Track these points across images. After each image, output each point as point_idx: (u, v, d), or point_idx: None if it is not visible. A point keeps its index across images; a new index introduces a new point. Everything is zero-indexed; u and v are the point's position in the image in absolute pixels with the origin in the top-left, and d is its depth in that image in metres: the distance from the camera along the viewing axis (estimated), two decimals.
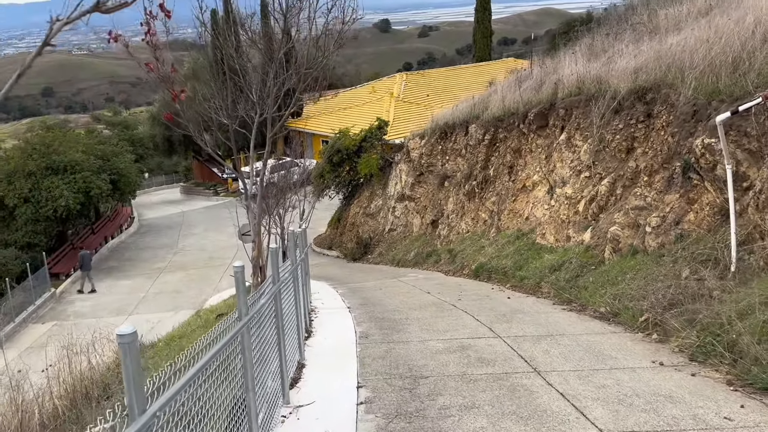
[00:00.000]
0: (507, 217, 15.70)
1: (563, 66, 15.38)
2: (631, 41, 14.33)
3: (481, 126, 18.10)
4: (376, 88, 49.73)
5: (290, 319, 6.58)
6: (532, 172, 15.14)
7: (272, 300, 5.14)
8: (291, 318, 6.67)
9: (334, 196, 28.93)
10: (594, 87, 13.06)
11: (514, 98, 16.64)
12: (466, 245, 16.90)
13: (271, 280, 5.12)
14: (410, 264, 20.16)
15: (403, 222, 23.78)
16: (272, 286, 5.02)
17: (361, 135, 26.76)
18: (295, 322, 6.80)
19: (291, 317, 6.65)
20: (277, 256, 5.11)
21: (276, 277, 5.12)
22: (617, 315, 8.51)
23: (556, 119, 14.40)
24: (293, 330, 6.68)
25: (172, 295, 25.89)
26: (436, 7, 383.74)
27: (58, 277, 28.29)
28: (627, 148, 11.52)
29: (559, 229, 12.68)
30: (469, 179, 18.49)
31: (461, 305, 10.47)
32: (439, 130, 21.63)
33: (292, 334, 6.52)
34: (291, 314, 6.64)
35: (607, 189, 11.55)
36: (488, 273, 13.99)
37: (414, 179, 22.88)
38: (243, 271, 3.56)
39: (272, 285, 5.07)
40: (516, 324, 8.55)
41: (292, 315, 6.73)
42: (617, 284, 9.28)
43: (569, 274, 10.73)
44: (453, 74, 50.53)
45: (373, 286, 15.13)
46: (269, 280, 5.01)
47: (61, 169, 27.55)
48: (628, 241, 10.19)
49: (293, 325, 6.72)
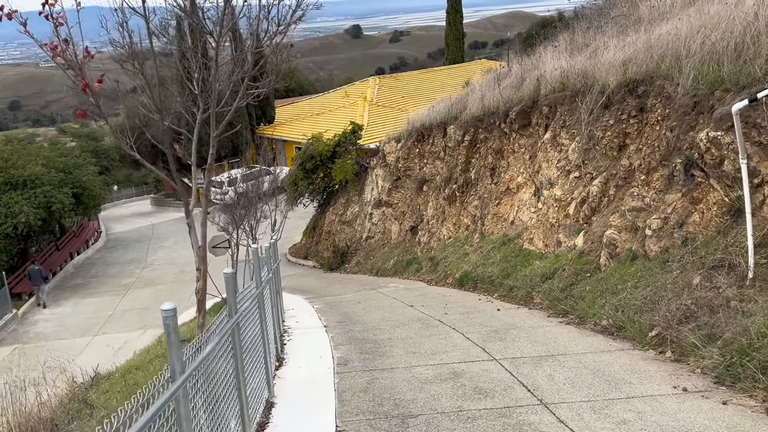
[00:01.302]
0: (491, 221, 14.89)
1: (545, 61, 14.63)
2: (614, 34, 13.62)
3: (459, 127, 17.30)
4: (349, 93, 48.86)
5: (256, 350, 5.65)
6: (516, 174, 14.36)
7: (230, 335, 4.22)
8: (257, 349, 5.74)
9: (308, 203, 27.95)
10: (580, 82, 12.32)
11: (493, 97, 15.86)
12: (448, 252, 16.06)
13: (227, 312, 4.20)
14: (390, 273, 19.27)
15: (381, 229, 22.90)
16: (227, 321, 4.10)
17: (335, 140, 25.85)
18: (262, 352, 5.86)
19: (257, 348, 5.72)
20: (234, 283, 4.20)
21: (233, 309, 4.20)
22: (622, 329, 7.71)
23: (540, 117, 13.65)
24: (259, 363, 5.74)
25: (141, 313, 24.69)
26: (407, 12, 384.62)
27: (21, 297, 26.90)
28: (619, 145, 10.76)
29: (548, 233, 11.89)
30: (449, 183, 17.68)
31: (448, 320, 9.60)
32: (415, 133, 20.81)
33: (257, 370, 5.58)
34: (257, 345, 5.71)
35: (599, 189, 10.77)
36: (474, 282, 13.16)
37: (391, 184, 22.02)
38: (174, 315, 2.65)
39: (228, 319, 4.15)
40: (511, 342, 7.69)
41: (259, 345, 5.80)
42: (618, 293, 8.48)
43: (563, 283, 9.92)
44: (427, 77, 49.87)
45: (351, 299, 14.21)
46: (222, 315, 4.10)
47: (20, 183, 26.19)
48: (626, 246, 9.41)
49: (260, 356, 5.78)
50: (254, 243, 17.73)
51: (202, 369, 3.25)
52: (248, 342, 5.25)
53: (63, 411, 8.81)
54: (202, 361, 3.07)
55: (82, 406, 8.15)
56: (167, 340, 2.72)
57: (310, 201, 27.75)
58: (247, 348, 5.15)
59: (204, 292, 4.02)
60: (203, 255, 3.77)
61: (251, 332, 5.51)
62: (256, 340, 5.60)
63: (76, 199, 28.35)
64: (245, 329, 5.17)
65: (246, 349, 5.04)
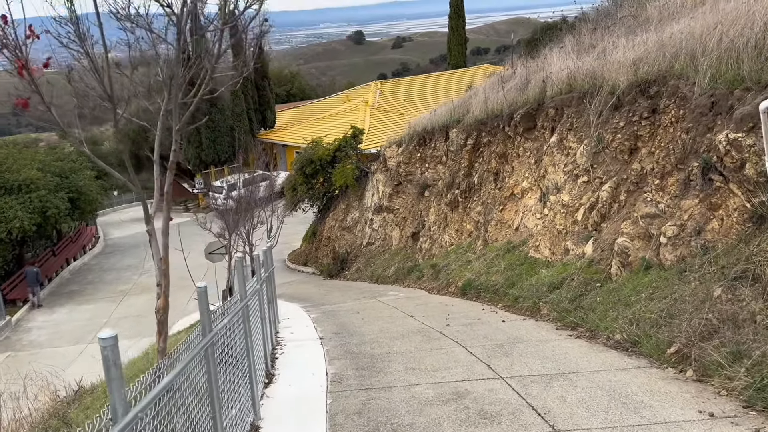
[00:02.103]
0: (495, 228, 14.38)
1: (551, 63, 14.16)
2: (622, 34, 13.14)
3: (462, 130, 16.81)
4: (350, 98, 48.43)
5: (240, 370, 5.14)
6: (521, 179, 13.85)
7: (203, 358, 3.71)
8: (242, 368, 5.23)
9: (308, 209, 27.46)
10: (588, 83, 11.83)
11: (497, 99, 15.38)
12: (450, 260, 15.54)
13: (200, 330, 3.70)
14: (390, 280, 18.75)
15: (382, 235, 22.39)
16: (200, 341, 3.59)
17: (335, 144, 25.38)
18: (247, 372, 5.35)
19: (241, 367, 5.21)
20: (206, 299, 3.70)
21: (206, 327, 3.69)
22: (637, 344, 7.18)
23: (546, 120, 13.15)
24: (244, 384, 5.23)
25: (137, 320, 24.14)
26: (410, 19, 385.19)
27: (15, 304, 26.39)
28: (630, 149, 10.26)
29: (555, 240, 11.37)
30: (452, 188, 17.17)
31: (450, 333, 9.08)
32: (417, 137, 20.32)
33: (241, 391, 5.07)
34: (241, 364, 5.20)
35: (609, 195, 10.26)
36: (477, 291, 12.64)
37: (392, 189, 21.52)
38: (115, 345, 2.16)
39: (201, 338, 3.64)
40: (518, 358, 7.17)
41: (244, 364, 5.29)
42: (631, 305, 7.96)
43: (571, 293, 9.39)
44: (429, 81, 49.44)
45: (350, 308, 13.69)
46: (193, 335, 3.59)
47: (15, 188, 25.67)
48: (639, 254, 8.89)
49: (244, 376, 5.27)
50: (251, 249, 17.25)
51: (162, 403, 2.75)
52: (230, 362, 4.75)
53: (41, 428, 8.32)
54: (156, 397, 2.58)
55: (60, 423, 7.65)
56: (106, 375, 2.23)
57: (310, 206, 27.27)
58: (227, 368, 4.64)
59: (165, 312, 3.50)
60: (164, 269, 3.27)
61: (234, 350, 5.01)
62: (239, 358, 5.10)
63: (72, 204, 27.84)
64: (228, 347, 4.66)
65: (226, 369, 4.54)
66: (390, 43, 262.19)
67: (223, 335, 4.51)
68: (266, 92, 48.27)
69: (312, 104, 53.26)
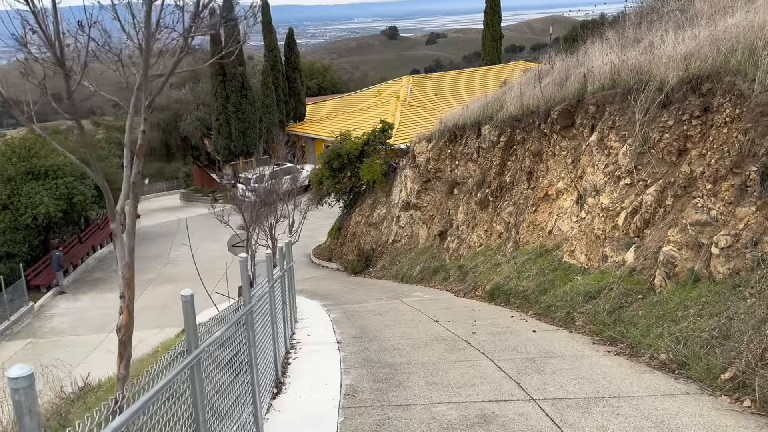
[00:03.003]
0: (526, 230, 13.67)
1: (592, 57, 13.38)
2: (670, 29, 12.32)
3: (495, 127, 16.10)
4: (381, 92, 47.83)
5: (241, 384, 4.59)
6: (556, 179, 13.12)
7: (188, 378, 3.16)
8: (244, 381, 4.69)
9: (334, 203, 26.95)
10: (633, 78, 11.05)
11: (533, 95, 14.64)
12: (478, 261, 14.86)
13: (185, 345, 3.15)
14: (415, 280, 18.14)
15: (408, 233, 21.78)
16: (182, 360, 3.04)
17: (364, 138, 24.80)
18: (250, 386, 4.80)
19: (243, 381, 4.67)
20: (192, 309, 3.15)
21: (192, 343, 3.14)
22: (685, 366, 6.48)
23: (585, 117, 12.39)
24: (246, 398, 4.68)
25: (159, 311, 23.93)
26: (444, 15, 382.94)
27: (39, 290, 26.39)
28: (678, 150, 9.49)
29: (592, 246, 10.64)
30: (482, 186, 16.48)
31: (477, 342, 8.45)
32: (447, 133, 19.64)
33: (241, 406, 4.52)
34: (243, 377, 4.66)
35: (654, 199, 9.50)
36: (506, 296, 11.97)
37: (420, 186, 20.88)
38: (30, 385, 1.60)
39: (187, 356, 3.09)
40: (551, 376, 6.52)
41: (246, 377, 4.75)
42: (678, 322, 7.24)
43: (610, 304, 8.68)
44: (462, 77, 48.60)
45: (372, 309, 13.12)
46: (174, 351, 3.04)
47: (42, 174, 25.63)
48: (686, 265, 8.14)
49: (247, 391, 4.72)
50: (273, 243, 16.79)
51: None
52: (226, 377, 4.20)
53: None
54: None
55: (58, 426, 7.21)
56: (19, 427, 1.67)
57: (336, 201, 26.76)
58: (224, 385, 4.10)
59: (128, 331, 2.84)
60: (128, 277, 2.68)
61: (237, 358, 4.46)
62: (241, 371, 4.55)
63: (98, 192, 27.70)
64: (227, 359, 4.12)
65: (222, 386, 3.99)
66: (424, 39, 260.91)
67: (221, 344, 3.96)
68: (297, 84, 47.92)
69: (343, 98, 52.80)
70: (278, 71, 46.15)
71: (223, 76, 43.17)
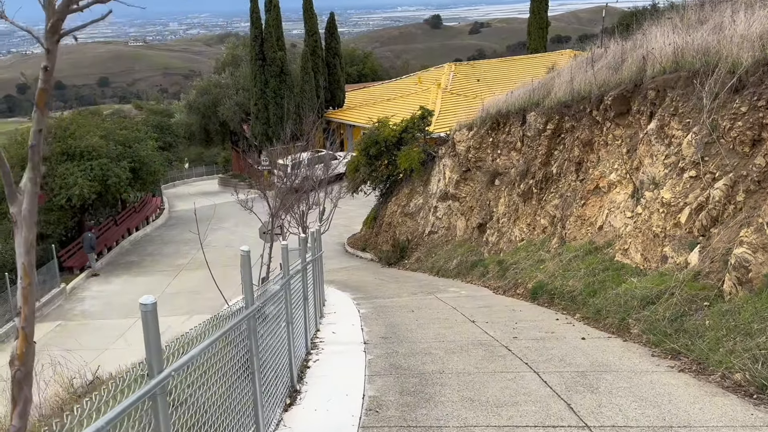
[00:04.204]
0: (574, 224, 12.67)
1: (652, 38, 12.26)
2: (740, 9, 11.15)
3: (541, 114, 15.07)
4: (422, 79, 46.76)
5: (241, 405, 3.84)
6: (608, 170, 12.08)
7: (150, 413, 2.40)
8: (243, 401, 3.94)
9: (369, 192, 26.18)
10: (699, 60, 9.96)
11: (585, 79, 13.58)
12: (520, 257, 13.92)
13: (147, 369, 2.39)
14: (452, 274, 17.27)
15: (446, 224, 20.89)
16: (141, 390, 2.29)
17: (402, 125, 23.94)
18: (252, 401, 4.05)
19: (243, 401, 3.91)
20: (155, 323, 2.39)
21: (154, 368, 2.38)
22: (765, 389, 5.51)
23: (643, 103, 11.32)
24: (246, 418, 3.93)
25: (190, 297, 23.57)
26: (489, 4, 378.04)
27: (72, 271, 26.30)
28: (753, 140, 8.40)
29: (649, 245, 9.62)
30: (526, 177, 15.49)
31: (518, 349, 7.58)
32: (490, 120, 18.64)
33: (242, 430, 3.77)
34: (243, 400, 3.90)
35: (723, 194, 8.45)
36: (550, 296, 11.03)
37: (459, 176, 19.95)
38: None
39: (145, 386, 2.33)
40: (607, 396, 5.62)
41: (248, 395, 3.99)
42: (754, 336, 6.25)
43: (671, 312, 7.70)
44: (506, 65, 47.22)
45: (404, 304, 12.32)
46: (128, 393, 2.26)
47: (77, 154, 25.43)
48: (762, 270, 7.11)
49: (249, 415, 3.97)
50: (304, 231, 16.10)
51: None
52: (222, 391, 3.44)
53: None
54: None
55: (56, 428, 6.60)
56: None
57: (372, 189, 25.99)
58: (222, 399, 3.34)
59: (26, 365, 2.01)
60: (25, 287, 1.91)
61: (236, 374, 3.70)
62: (241, 396, 3.79)
63: (133, 174, 27.49)
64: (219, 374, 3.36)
65: (221, 400, 3.23)
66: (467, 28, 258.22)
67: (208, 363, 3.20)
68: (337, 71, 47.20)
69: (383, 85, 51.89)
70: (318, 56, 45.46)
71: (262, 61, 42.69)
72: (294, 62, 45.86)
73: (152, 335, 2.44)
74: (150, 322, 2.44)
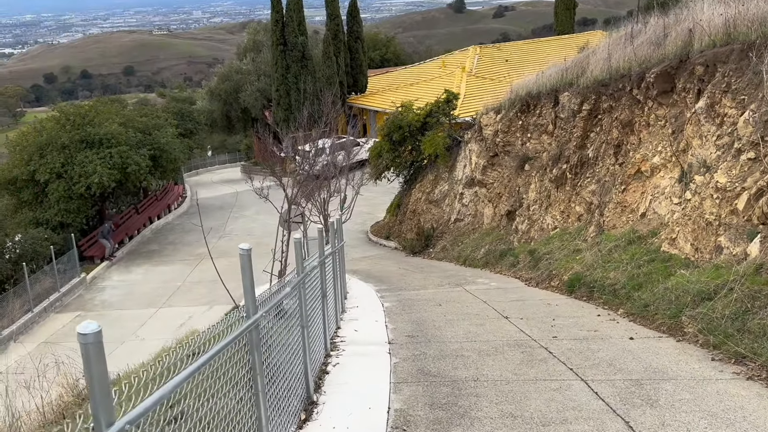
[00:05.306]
0: (613, 212, 11.83)
1: (697, 10, 11.32)
2: None
3: (576, 94, 14.19)
4: (446, 63, 45.75)
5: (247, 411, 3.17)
6: (651, 153, 11.21)
7: None
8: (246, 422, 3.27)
9: (393, 178, 25.43)
10: (756, 32, 9.06)
11: (624, 56, 12.68)
12: (553, 246, 13.11)
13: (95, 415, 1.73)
14: (479, 264, 16.51)
15: (472, 211, 20.10)
16: None
17: (426, 109, 23.12)
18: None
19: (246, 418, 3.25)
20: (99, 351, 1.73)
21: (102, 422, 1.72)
22: None
23: (690, 80, 10.41)
24: None
25: (210, 286, 23.04)
26: None
27: (93, 261, 26.02)
28: None
29: (701, 234, 8.79)
30: (559, 161, 14.64)
31: (559, 350, 6.84)
32: (519, 102, 17.76)
33: None
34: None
35: None
36: (588, 289, 10.24)
37: (486, 161, 19.12)
38: None
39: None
40: (669, 410, 4.87)
41: (252, 414, 3.32)
42: None
43: (731, 309, 6.88)
44: (532, 47, 45.97)
45: (431, 297, 11.63)
46: None
47: (96, 142, 25.02)
48: None
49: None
50: (325, 219, 15.46)
51: None
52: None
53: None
54: None
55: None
56: None
57: (395, 176, 25.24)
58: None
59: None
60: None
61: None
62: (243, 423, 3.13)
63: (153, 162, 27.03)
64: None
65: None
66: (491, 12, 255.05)
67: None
68: (359, 55, 46.37)
69: (405, 69, 50.97)
70: (340, 41, 44.65)
71: (283, 46, 42.02)
72: (316, 47, 45.14)
73: (96, 390, 1.77)
74: (91, 360, 1.77)
